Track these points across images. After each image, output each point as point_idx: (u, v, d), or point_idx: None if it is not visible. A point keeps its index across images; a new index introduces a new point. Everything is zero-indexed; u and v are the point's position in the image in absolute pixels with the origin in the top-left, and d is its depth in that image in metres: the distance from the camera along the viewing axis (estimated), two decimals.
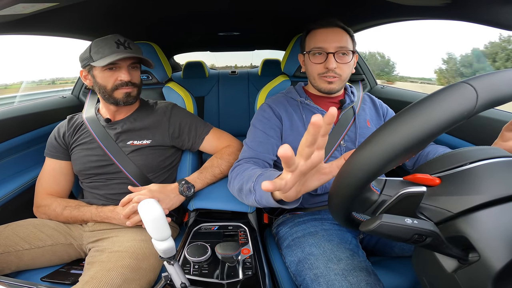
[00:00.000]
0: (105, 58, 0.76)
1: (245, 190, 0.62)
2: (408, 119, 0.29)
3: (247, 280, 0.55)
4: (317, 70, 0.78)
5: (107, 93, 0.81)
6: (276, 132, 0.79)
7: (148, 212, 0.42)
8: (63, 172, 0.88)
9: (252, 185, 0.58)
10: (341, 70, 0.77)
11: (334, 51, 0.75)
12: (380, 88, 1.41)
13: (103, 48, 0.77)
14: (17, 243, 0.70)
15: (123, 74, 0.79)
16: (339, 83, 0.79)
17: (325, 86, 0.78)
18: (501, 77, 0.30)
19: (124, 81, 0.80)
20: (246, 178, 0.63)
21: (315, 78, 0.80)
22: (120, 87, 0.80)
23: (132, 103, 0.85)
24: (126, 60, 0.80)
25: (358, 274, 0.55)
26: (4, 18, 0.67)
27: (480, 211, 0.32)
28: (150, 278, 0.67)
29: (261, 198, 0.55)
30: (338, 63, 0.76)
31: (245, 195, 0.62)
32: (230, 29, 1.56)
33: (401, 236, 0.31)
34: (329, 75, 0.76)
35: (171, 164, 0.92)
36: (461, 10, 0.65)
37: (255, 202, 0.58)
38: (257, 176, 0.59)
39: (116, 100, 0.82)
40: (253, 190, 0.58)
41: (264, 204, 0.56)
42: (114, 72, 0.80)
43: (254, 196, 0.57)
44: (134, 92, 0.83)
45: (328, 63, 0.75)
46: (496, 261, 0.30)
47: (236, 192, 0.68)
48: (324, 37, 0.76)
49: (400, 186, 0.37)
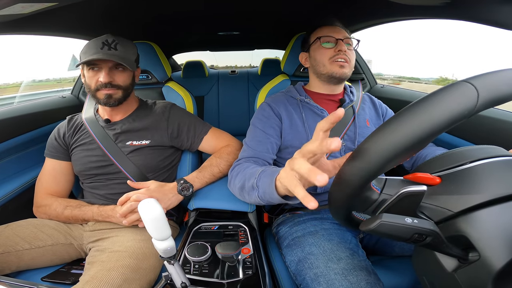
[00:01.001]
0: (87, 57, 0.76)
1: (247, 187, 0.62)
2: (410, 117, 0.29)
3: (247, 280, 0.55)
4: (328, 55, 0.80)
5: (91, 93, 0.81)
6: (275, 131, 0.79)
7: (148, 212, 0.42)
8: (63, 172, 0.88)
9: (254, 182, 0.58)
10: (349, 55, 0.81)
11: (343, 38, 0.81)
12: (380, 87, 1.41)
13: (90, 49, 0.77)
14: (17, 243, 0.70)
15: (103, 75, 0.78)
16: (348, 69, 0.81)
17: (337, 70, 0.79)
18: (502, 76, 0.30)
19: (102, 83, 0.78)
20: (248, 175, 0.64)
21: (326, 64, 0.81)
22: (101, 88, 0.79)
23: (114, 105, 0.83)
24: (107, 62, 0.78)
25: (358, 274, 0.55)
26: (3, 18, 0.67)
27: (480, 210, 0.32)
28: (151, 278, 0.67)
29: (264, 194, 0.56)
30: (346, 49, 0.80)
31: (248, 193, 0.63)
32: (230, 28, 1.56)
33: (401, 235, 0.31)
34: (340, 57, 0.79)
35: (171, 164, 0.92)
36: (460, 10, 0.65)
37: (258, 198, 0.59)
38: (259, 172, 0.59)
39: (99, 100, 0.82)
40: (255, 187, 0.58)
41: (268, 199, 0.56)
42: (96, 72, 0.79)
43: (257, 192, 0.58)
44: (118, 94, 0.81)
45: (339, 45, 0.80)
46: (496, 261, 0.30)
47: (238, 191, 0.68)
48: (331, 30, 0.83)
49: (401, 185, 0.37)
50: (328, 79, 0.82)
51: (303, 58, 0.90)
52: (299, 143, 0.78)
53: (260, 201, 0.60)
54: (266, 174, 0.57)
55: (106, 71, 0.78)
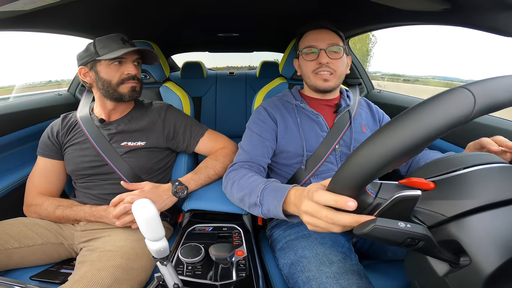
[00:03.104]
0: (113, 52, 0.77)
1: (249, 203, 0.63)
2: (407, 122, 0.29)
3: (241, 282, 0.54)
4: (310, 67, 0.79)
5: (112, 88, 0.81)
6: (271, 135, 0.79)
7: (142, 212, 0.42)
8: (56, 172, 0.86)
9: (257, 200, 0.60)
10: (334, 65, 0.78)
11: (326, 47, 0.77)
12: (377, 92, 1.42)
13: (110, 44, 0.79)
14: (6, 241, 0.69)
15: (130, 68, 0.81)
16: (334, 80, 0.79)
17: (320, 83, 0.79)
18: (499, 83, 0.30)
19: (131, 75, 0.81)
20: (247, 190, 0.64)
21: (310, 76, 0.80)
22: (127, 81, 0.81)
23: (136, 98, 0.87)
24: (132, 55, 0.82)
25: (350, 277, 0.55)
26: (4, 14, 0.67)
27: (471, 216, 0.33)
28: (142, 279, 0.67)
29: (268, 212, 0.58)
30: (330, 59, 0.77)
31: (248, 207, 0.65)
32: (230, 30, 1.57)
33: (394, 239, 0.32)
34: (323, 71, 0.77)
35: (166, 165, 0.91)
36: (459, 16, 0.66)
37: (260, 214, 0.61)
38: (261, 190, 0.60)
39: (121, 94, 0.82)
40: (259, 204, 0.60)
41: (271, 216, 0.59)
42: (121, 66, 0.81)
43: (261, 209, 0.60)
44: (138, 87, 0.85)
45: (320, 58, 0.77)
46: (487, 265, 0.30)
47: (237, 201, 0.69)
48: (315, 37, 0.79)
49: (395, 190, 0.37)
50: (315, 90, 0.83)
51: (296, 65, 0.89)
52: (293, 148, 0.78)
53: (262, 216, 0.62)
54: (269, 192, 0.59)
55: (133, 64, 0.82)
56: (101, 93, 0.84)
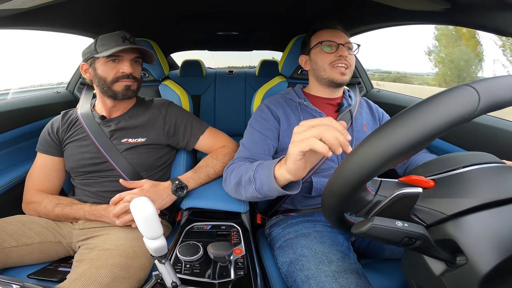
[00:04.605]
0: (110, 49, 0.77)
1: (244, 181, 0.63)
2: (411, 118, 0.29)
3: (239, 280, 0.54)
4: (329, 59, 0.80)
5: (107, 85, 0.81)
6: (273, 133, 0.79)
7: (140, 210, 0.42)
8: (55, 168, 0.86)
9: (252, 174, 0.59)
10: (350, 60, 0.81)
11: (344, 43, 0.80)
12: (376, 91, 1.42)
13: (109, 42, 0.78)
14: (4, 240, 0.69)
15: (125, 66, 0.80)
16: (349, 75, 0.82)
17: (338, 76, 0.80)
18: (504, 82, 0.30)
19: (125, 73, 0.80)
20: (244, 170, 0.64)
21: (327, 69, 0.81)
22: (121, 79, 0.80)
23: (131, 97, 0.85)
24: (130, 54, 0.81)
25: (349, 276, 0.55)
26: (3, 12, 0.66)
27: (468, 215, 0.33)
28: (140, 277, 0.67)
29: (262, 186, 0.57)
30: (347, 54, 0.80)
31: (244, 187, 0.63)
32: (229, 28, 1.56)
33: (392, 238, 0.32)
34: (341, 63, 0.79)
35: (166, 163, 0.91)
36: (459, 16, 0.66)
37: (255, 191, 0.59)
38: (256, 165, 0.60)
39: (115, 93, 0.81)
40: (252, 179, 0.59)
41: (266, 191, 0.57)
42: (117, 64, 0.80)
43: (254, 185, 0.58)
44: (134, 86, 0.83)
45: (340, 51, 0.80)
46: (483, 265, 0.30)
47: (233, 187, 0.68)
48: (332, 34, 0.82)
49: (396, 187, 0.37)
50: (328, 83, 0.83)
51: (303, 61, 0.90)
52: None
53: (257, 195, 0.60)
54: (263, 166, 0.58)
55: (129, 62, 0.81)
56: (99, 90, 0.84)
